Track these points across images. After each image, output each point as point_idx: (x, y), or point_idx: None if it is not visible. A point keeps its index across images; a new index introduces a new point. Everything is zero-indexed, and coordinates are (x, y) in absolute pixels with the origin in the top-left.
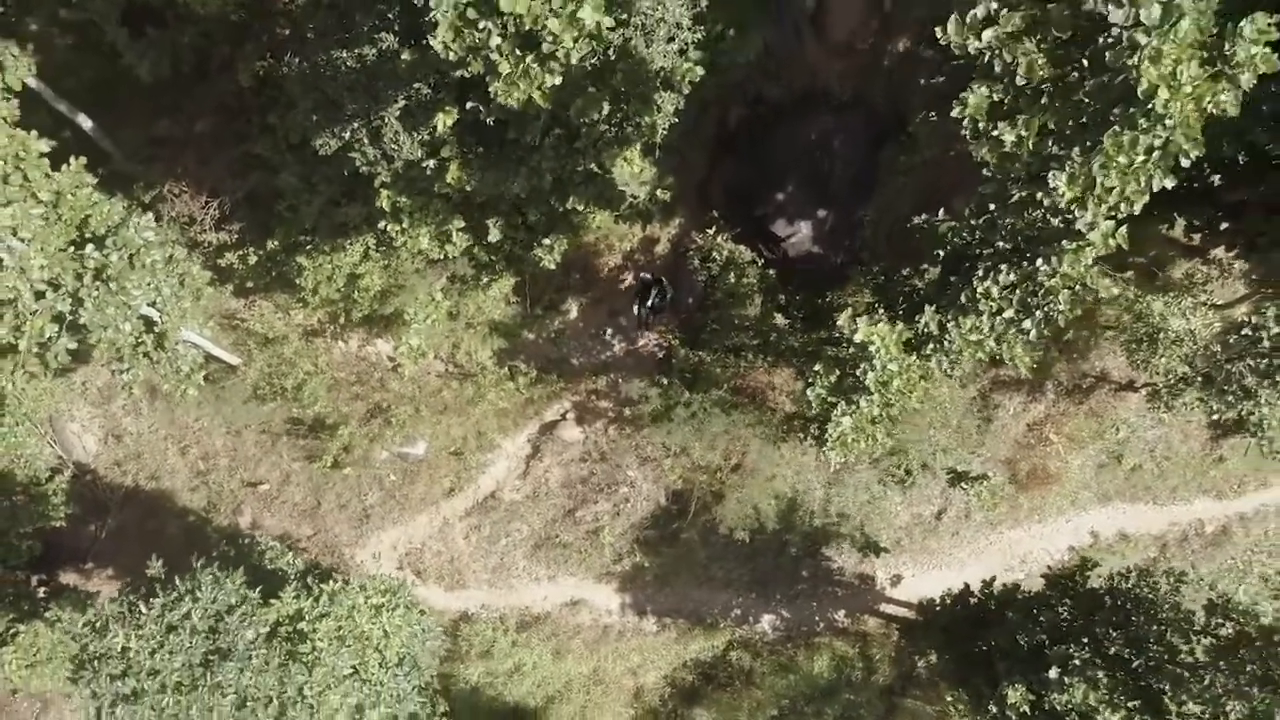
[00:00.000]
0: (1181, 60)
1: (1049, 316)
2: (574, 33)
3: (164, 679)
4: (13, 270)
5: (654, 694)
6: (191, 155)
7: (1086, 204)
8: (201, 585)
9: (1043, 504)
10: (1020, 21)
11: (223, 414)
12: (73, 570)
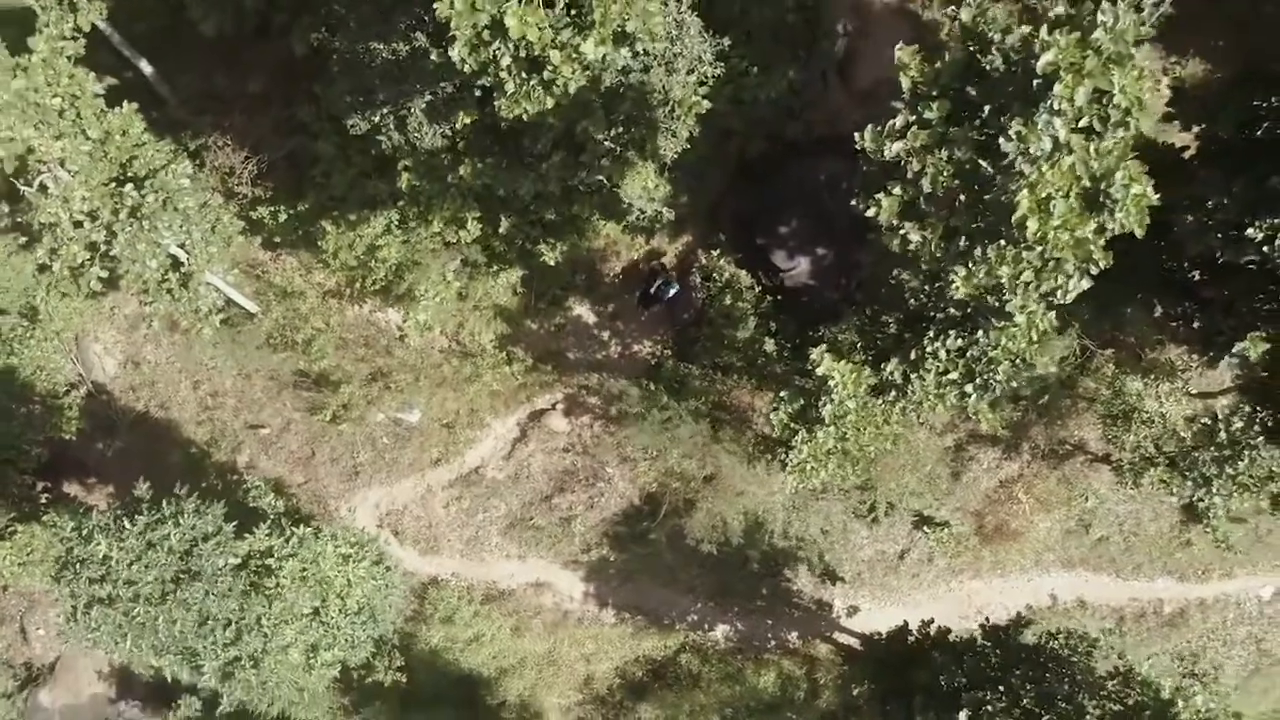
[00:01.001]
0: (1055, 197)
1: (988, 385)
2: (574, 66)
3: (137, 589)
4: (56, 198)
5: (603, 683)
6: (240, 111)
7: (1005, 293)
8: (183, 512)
9: (1005, 559)
10: (927, 138)
11: (236, 357)
12: (76, 482)
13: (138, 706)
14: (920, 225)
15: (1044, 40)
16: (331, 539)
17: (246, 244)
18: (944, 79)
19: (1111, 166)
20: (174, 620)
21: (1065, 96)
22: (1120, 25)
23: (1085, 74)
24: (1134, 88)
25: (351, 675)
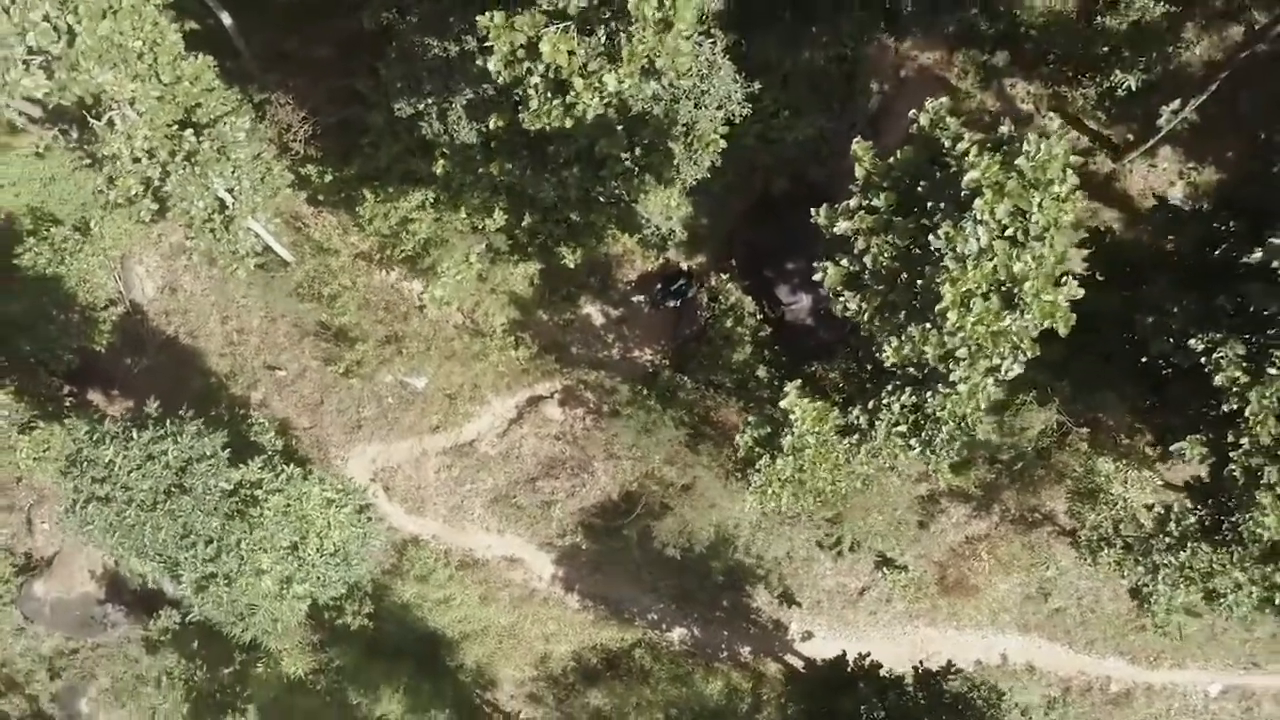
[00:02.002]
0: (975, 294)
1: (931, 441)
2: (594, 95)
3: (132, 494)
4: (121, 135)
5: (558, 664)
6: (306, 74)
7: (950, 363)
8: (184, 433)
9: (961, 612)
10: (873, 222)
11: (265, 300)
12: (100, 391)
13: (122, 611)
14: (860, 295)
15: (971, 160)
16: (319, 482)
17: (292, 197)
18: (895, 173)
19: (1024, 274)
20: (160, 528)
21: (986, 210)
22: (1042, 155)
23: (1006, 193)
24: (1052, 210)
25: (323, 614)
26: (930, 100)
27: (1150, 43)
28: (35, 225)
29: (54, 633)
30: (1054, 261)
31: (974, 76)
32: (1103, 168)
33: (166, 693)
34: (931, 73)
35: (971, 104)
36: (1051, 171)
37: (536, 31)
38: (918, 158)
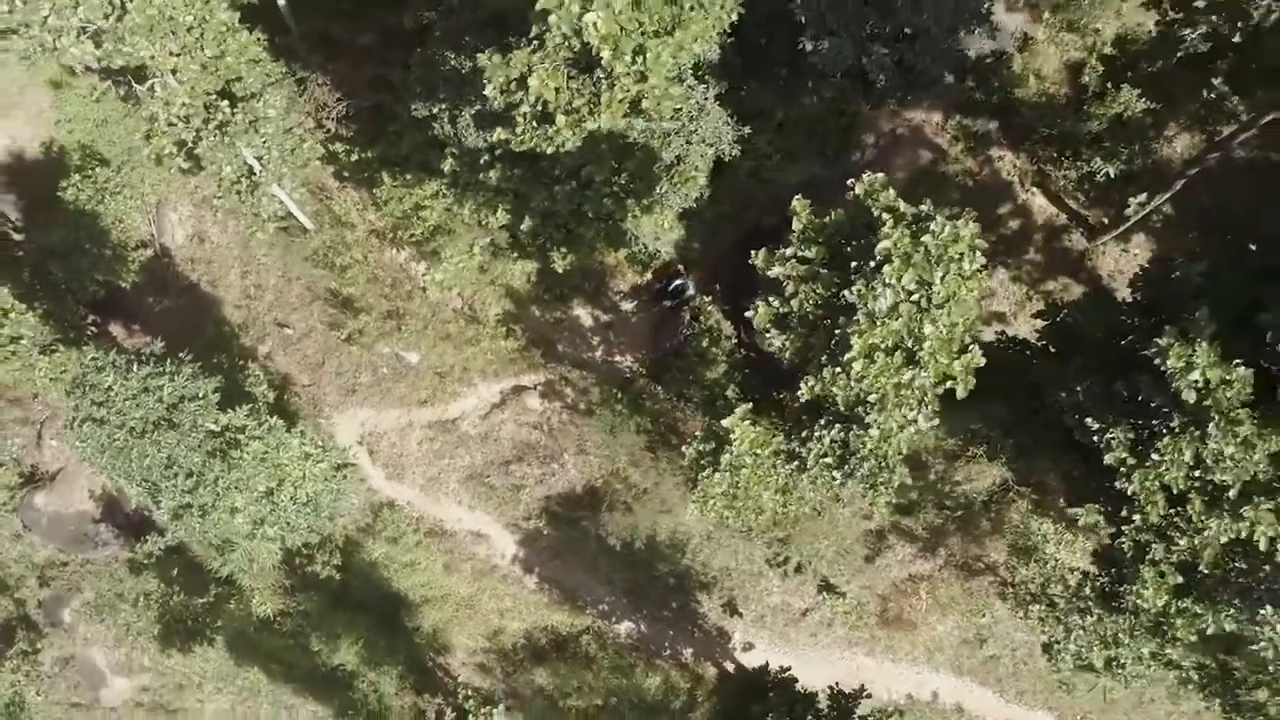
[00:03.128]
0: (879, 347)
1: (852, 474)
2: (574, 134)
3: (125, 420)
4: (160, 100)
5: (510, 639)
6: (347, 58)
7: (864, 407)
8: (180, 373)
9: (898, 646)
10: (804, 271)
11: (284, 261)
12: (121, 325)
13: (114, 532)
14: (786, 335)
15: (885, 230)
16: (300, 436)
17: (321, 170)
18: (828, 231)
19: (927, 336)
20: (145, 455)
21: (894, 276)
22: (947, 235)
23: (912, 264)
24: (953, 284)
25: (295, 561)
26: (868, 174)
27: (1131, 135)
28: (83, 162)
29: (48, 544)
30: (962, 329)
31: (964, 143)
32: (1078, 245)
33: (142, 613)
34: (924, 134)
35: (958, 168)
36: (954, 250)
37: (528, 66)
38: (850, 221)
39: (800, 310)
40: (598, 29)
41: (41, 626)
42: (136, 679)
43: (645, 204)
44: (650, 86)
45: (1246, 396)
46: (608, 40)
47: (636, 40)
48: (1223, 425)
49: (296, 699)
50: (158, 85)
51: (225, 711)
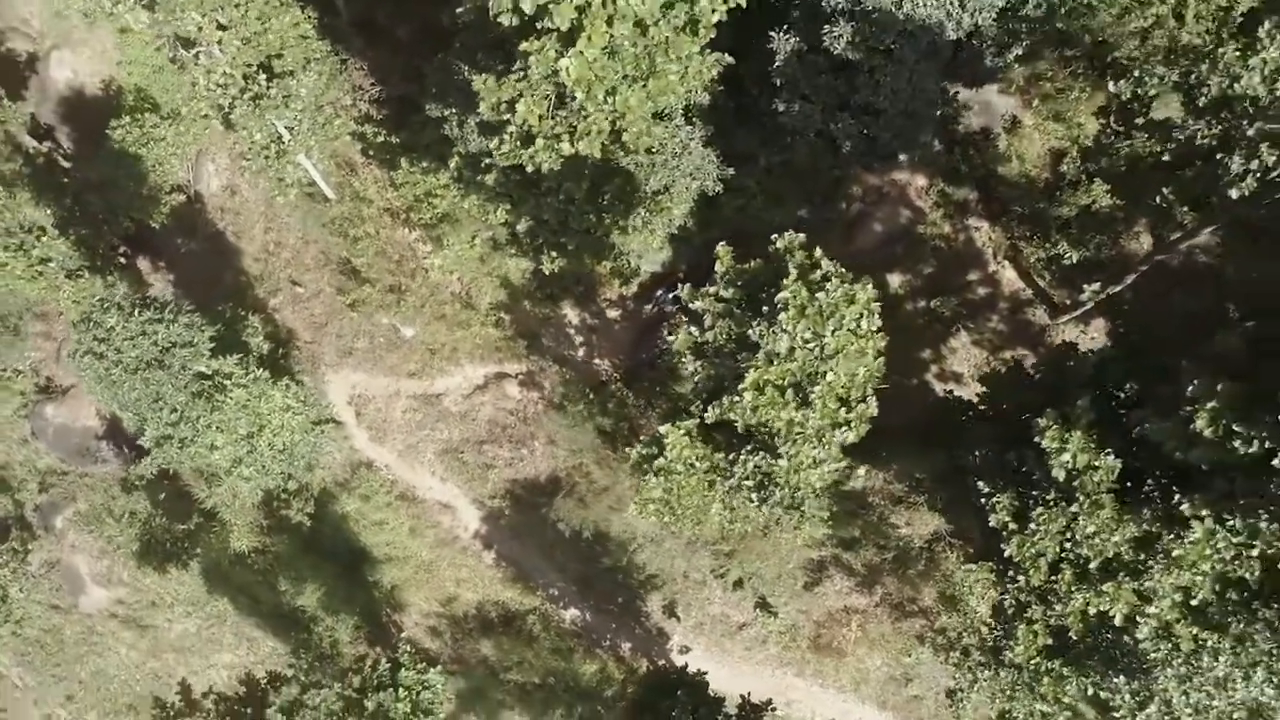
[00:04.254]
0: (773, 384)
1: (765, 499)
2: (549, 157)
3: (121, 357)
4: (203, 68)
5: (462, 607)
6: (386, 46)
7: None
8: (177, 321)
9: (826, 673)
10: (721, 308)
11: (304, 224)
12: (149, 260)
13: (114, 451)
14: (699, 361)
15: (785, 282)
16: (284, 391)
17: (349, 145)
18: (746, 276)
19: (817, 379)
20: (135, 389)
21: (790, 323)
22: (838, 295)
23: (806, 315)
24: (843, 339)
25: (273, 504)
26: (790, 234)
27: (1098, 226)
28: (136, 104)
29: (52, 453)
30: (864, 379)
31: (944, 209)
32: (1040, 321)
33: (125, 529)
34: (908, 194)
35: (935, 232)
36: (851, 310)
37: (516, 93)
38: (767, 269)
39: (714, 341)
40: (570, 74)
41: (35, 529)
42: (114, 591)
43: (623, 225)
44: (628, 123)
45: (1111, 484)
46: (580, 83)
47: (610, 84)
48: (1086, 506)
49: (258, 632)
50: (202, 54)
51: (191, 634)
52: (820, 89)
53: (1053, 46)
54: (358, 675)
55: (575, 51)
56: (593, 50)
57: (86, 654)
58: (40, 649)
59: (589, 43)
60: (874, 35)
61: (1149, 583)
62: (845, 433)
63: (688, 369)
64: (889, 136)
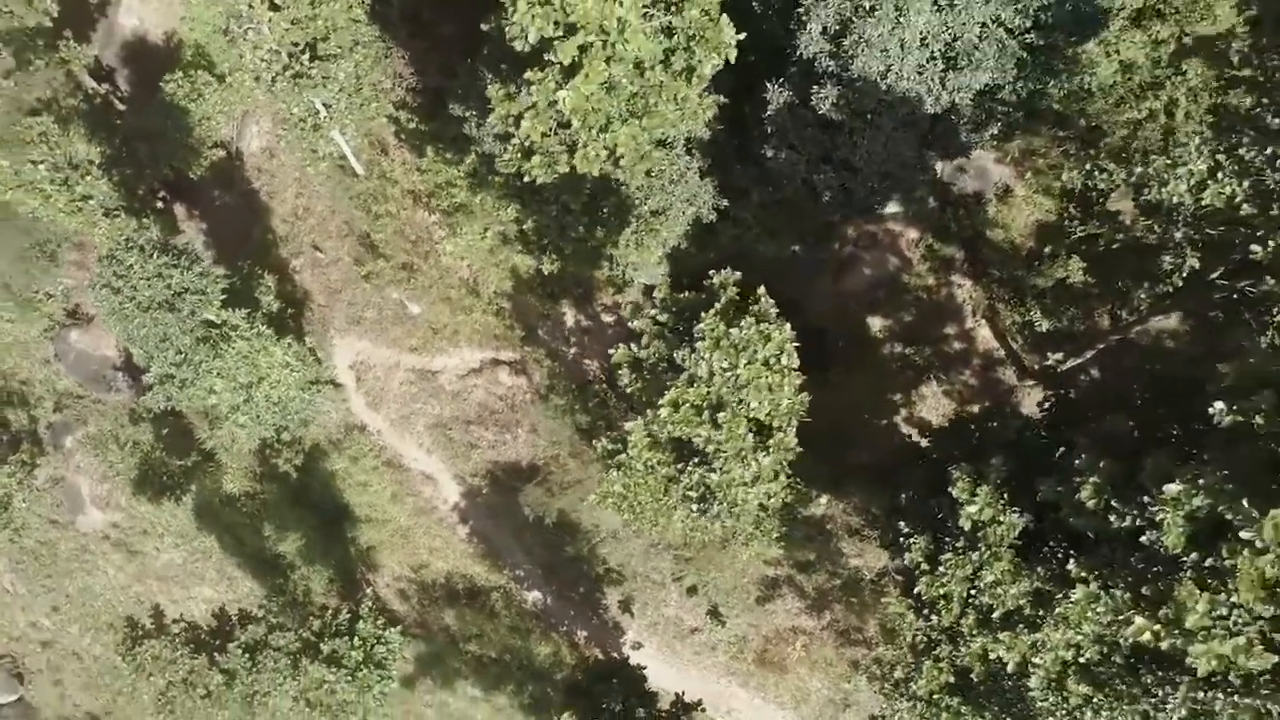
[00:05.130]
0: (689, 403)
1: (704, 511)
2: (544, 172)
3: (135, 294)
4: (250, 43)
5: (432, 575)
6: (428, 39)
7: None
8: (192, 268)
9: (768, 687)
10: (655, 330)
11: (333, 195)
12: (184, 207)
13: (128, 382)
14: (634, 376)
15: (704, 315)
16: (285, 348)
17: (384, 127)
18: (680, 304)
19: (726, 399)
20: (144, 326)
21: (707, 352)
22: (750, 333)
23: (720, 346)
24: (754, 371)
25: (267, 453)
26: (725, 270)
27: (1072, 299)
28: (193, 59)
29: (70, 376)
30: (787, 411)
31: (930, 263)
32: (1009, 381)
33: (127, 458)
34: (898, 244)
35: (919, 284)
36: (767, 348)
37: (522, 111)
38: (699, 300)
39: (647, 359)
40: (566, 105)
41: (45, 445)
42: (110, 514)
43: (615, 239)
44: (623, 150)
45: (1013, 540)
46: (577, 112)
47: (604, 116)
48: (986, 556)
49: (238, 572)
50: (251, 30)
51: (176, 564)
52: (806, 141)
53: (1049, 125)
54: (319, 620)
55: (573, 85)
56: (589, 86)
57: (76, 570)
58: (34, 559)
59: (586, 79)
60: (857, 100)
61: (1040, 636)
62: (764, 457)
63: (623, 380)
64: (864, 193)
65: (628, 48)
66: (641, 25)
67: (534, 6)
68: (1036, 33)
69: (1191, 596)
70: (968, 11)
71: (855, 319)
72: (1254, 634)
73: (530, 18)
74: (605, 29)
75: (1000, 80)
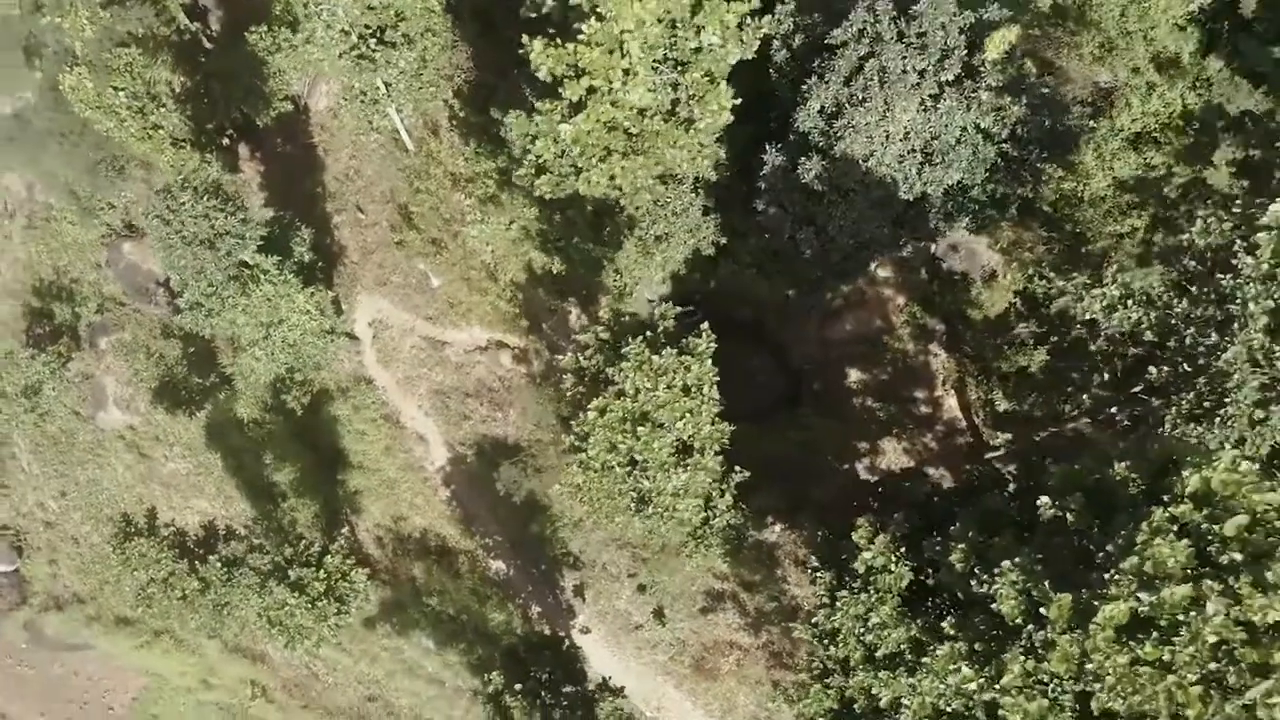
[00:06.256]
0: (614, 413)
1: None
2: (555, 190)
3: (180, 229)
4: (323, 21)
5: (408, 528)
6: (491, 39)
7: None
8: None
9: (699, 692)
10: (597, 344)
11: (382, 163)
12: (247, 149)
13: (168, 298)
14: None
15: (631, 339)
16: (308, 297)
17: (439, 110)
18: (625, 326)
19: (645, 415)
20: (184, 258)
21: (632, 371)
22: (669, 362)
23: (641, 369)
24: (673, 395)
25: (279, 388)
26: (666, 305)
27: (1031, 387)
28: (281, 14)
29: (117, 283)
30: (705, 436)
31: (910, 328)
32: (965, 449)
33: (152, 367)
34: (885, 304)
35: (897, 345)
36: (687, 377)
37: (535, 133)
38: (639, 324)
39: (589, 369)
40: (567, 137)
41: (82, 342)
42: (129, 417)
43: (612, 257)
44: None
45: (901, 589)
46: (577, 143)
47: (604, 149)
48: (874, 600)
49: (235, 493)
50: (325, 10)
51: (180, 474)
52: (793, 202)
53: (1040, 222)
54: (292, 549)
55: (575, 120)
56: (589, 124)
57: (89, 462)
58: (53, 445)
59: (587, 118)
60: (839, 176)
61: (914, 680)
62: (683, 473)
63: (566, 384)
64: (838, 258)
65: (628, 96)
66: (649, 78)
67: (549, 48)
68: (1012, 143)
69: (1015, 660)
70: (949, 116)
71: (834, 367)
72: (1069, 700)
73: (545, 58)
74: (610, 77)
75: (970, 181)
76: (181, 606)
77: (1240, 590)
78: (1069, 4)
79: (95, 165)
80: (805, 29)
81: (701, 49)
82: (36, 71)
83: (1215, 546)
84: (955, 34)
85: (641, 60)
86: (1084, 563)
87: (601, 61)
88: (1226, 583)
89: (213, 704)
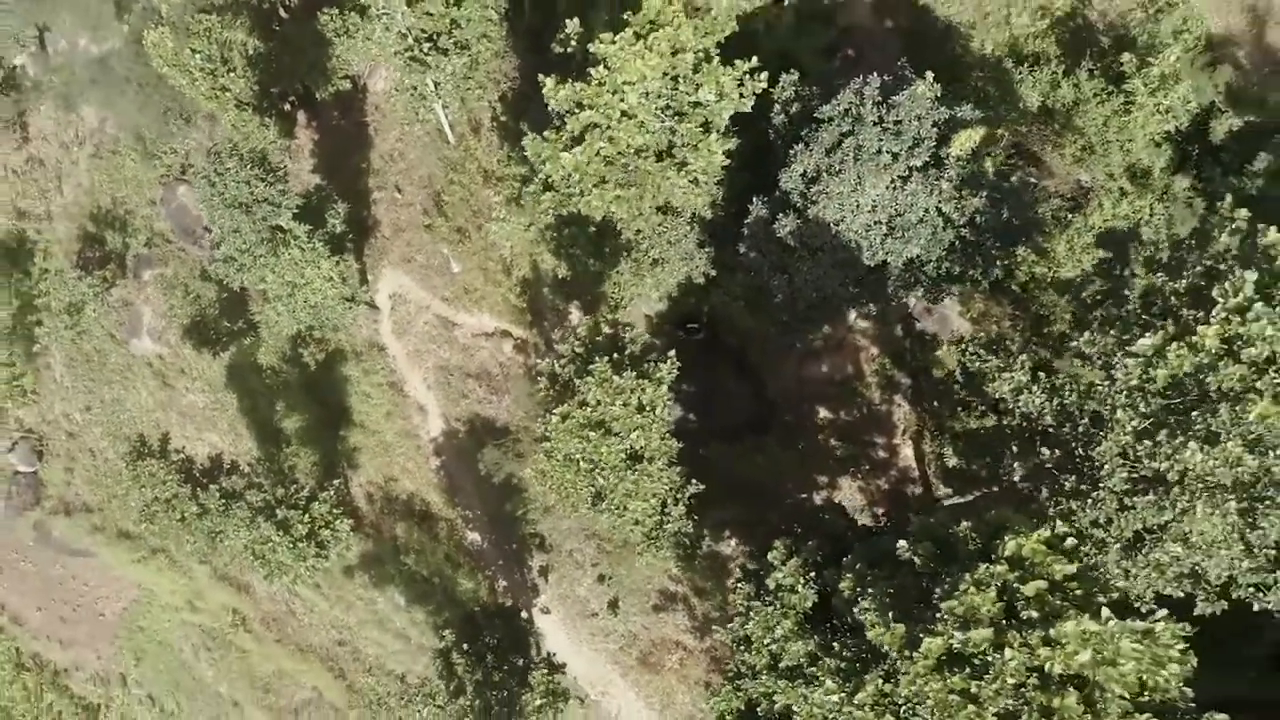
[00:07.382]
0: (575, 419)
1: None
2: (558, 207)
3: (224, 191)
4: (382, 23)
5: (397, 490)
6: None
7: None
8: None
9: (644, 684)
10: (571, 355)
11: (425, 151)
12: (304, 116)
13: (210, 243)
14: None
15: (596, 357)
16: (333, 265)
17: (484, 110)
18: (598, 345)
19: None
20: (224, 217)
21: (595, 384)
22: (627, 382)
23: (602, 383)
24: (628, 411)
25: (297, 343)
26: (638, 330)
27: (978, 448)
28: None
29: (167, 221)
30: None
31: (878, 379)
32: (913, 496)
33: (188, 305)
34: (858, 351)
35: (863, 393)
36: (644, 395)
37: (546, 156)
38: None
39: (561, 378)
40: (567, 164)
41: (127, 270)
42: (159, 347)
43: (607, 273)
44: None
45: (806, 609)
46: (576, 170)
47: (600, 177)
48: (778, 613)
49: (245, 431)
50: (385, 14)
51: (198, 407)
52: (770, 251)
53: (1010, 299)
54: (284, 491)
55: (574, 150)
56: (585, 155)
57: (116, 383)
58: (86, 362)
59: (584, 150)
60: (809, 236)
61: (807, 691)
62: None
63: (540, 388)
64: (804, 306)
65: (624, 136)
66: (649, 121)
67: (560, 85)
68: (970, 229)
69: (873, 680)
70: (914, 197)
71: (806, 403)
72: None
73: (555, 93)
74: (609, 116)
75: (927, 256)
76: (180, 528)
77: (1032, 642)
78: (1057, 108)
79: (164, 113)
80: (803, 99)
81: (700, 103)
82: (125, 25)
83: (1021, 603)
84: (928, 126)
85: (642, 106)
86: (923, 601)
87: (603, 102)
88: (1023, 635)
89: (195, 625)
